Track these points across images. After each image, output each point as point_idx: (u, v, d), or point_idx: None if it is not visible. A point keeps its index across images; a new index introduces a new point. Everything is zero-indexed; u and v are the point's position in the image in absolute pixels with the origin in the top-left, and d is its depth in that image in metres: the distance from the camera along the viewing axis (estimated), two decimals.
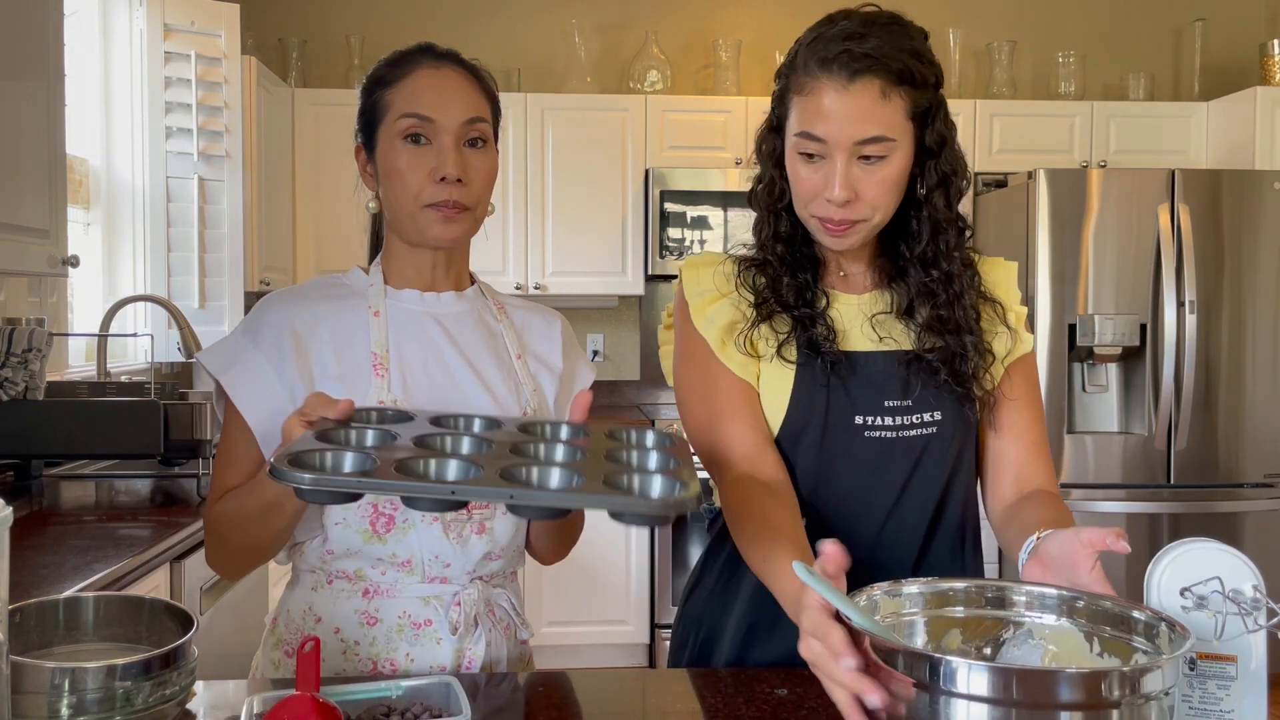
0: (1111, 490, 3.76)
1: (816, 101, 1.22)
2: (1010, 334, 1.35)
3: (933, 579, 1.09)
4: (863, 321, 1.33)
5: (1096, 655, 1.00)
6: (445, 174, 1.28)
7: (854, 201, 1.23)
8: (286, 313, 1.32)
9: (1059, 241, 3.73)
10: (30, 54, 2.15)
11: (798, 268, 1.34)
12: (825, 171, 1.23)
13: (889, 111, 1.21)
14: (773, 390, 1.32)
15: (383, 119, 1.31)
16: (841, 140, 1.21)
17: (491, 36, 4.56)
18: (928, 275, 1.31)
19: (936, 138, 1.26)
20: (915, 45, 1.24)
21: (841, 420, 1.30)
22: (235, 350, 1.31)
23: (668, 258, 4.23)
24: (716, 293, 1.36)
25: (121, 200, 3.48)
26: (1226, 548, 1.00)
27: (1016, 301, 1.38)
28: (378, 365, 1.29)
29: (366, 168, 1.36)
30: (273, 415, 1.26)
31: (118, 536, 2.03)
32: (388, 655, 1.28)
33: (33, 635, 1.08)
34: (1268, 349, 3.78)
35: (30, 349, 2.46)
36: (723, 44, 4.41)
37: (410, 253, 1.36)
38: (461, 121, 1.29)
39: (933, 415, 1.31)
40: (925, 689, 0.84)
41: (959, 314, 1.31)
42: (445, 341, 1.34)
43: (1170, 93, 4.72)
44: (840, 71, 1.20)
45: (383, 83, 1.32)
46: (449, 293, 1.38)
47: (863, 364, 1.32)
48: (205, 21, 3.50)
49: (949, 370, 1.30)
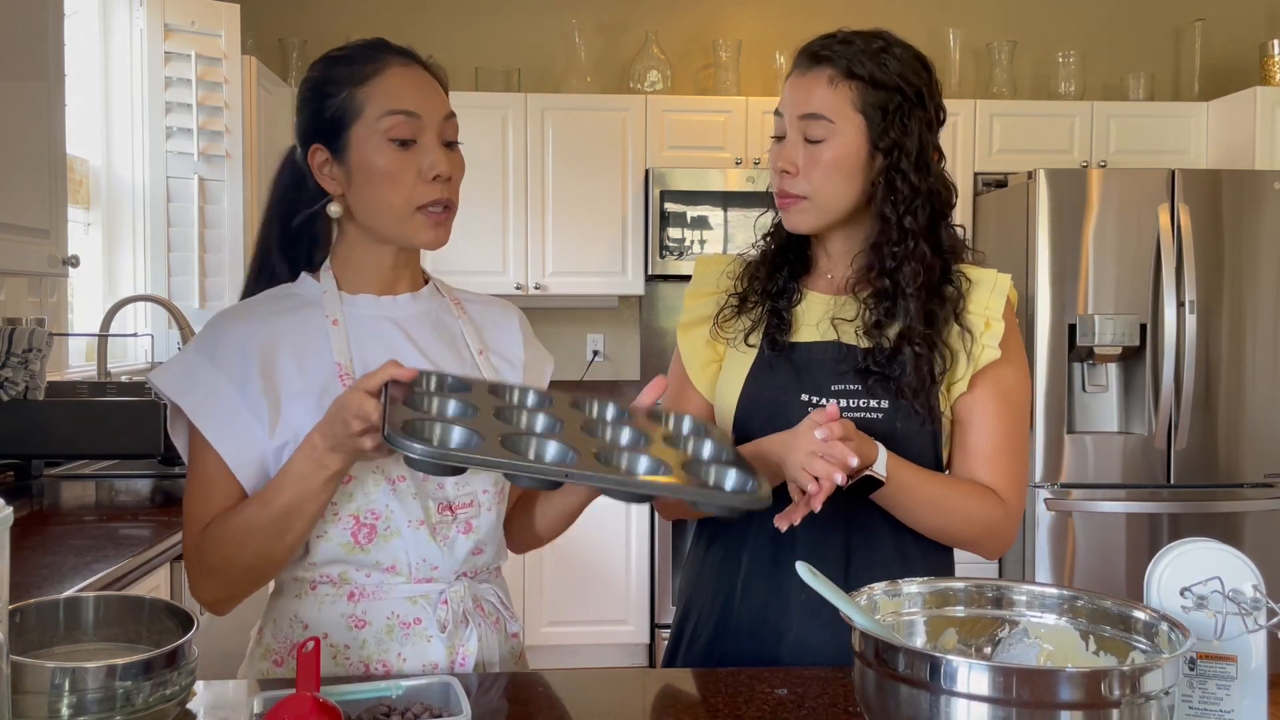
0: (1111, 490, 3.76)
1: (786, 86, 1.42)
2: (968, 358, 1.38)
3: (931, 579, 1.10)
4: (824, 320, 1.43)
5: (1092, 654, 1.00)
6: (439, 172, 1.27)
7: (793, 174, 1.37)
8: (243, 330, 1.27)
9: (1059, 241, 3.73)
10: (30, 54, 2.15)
11: (782, 265, 1.47)
12: (781, 147, 1.40)
13: (832, 97, 1.36)
14: (735, 372, 1.46)
15: (357, 118, 1.26)
16: (790, 115, 1.38)
17: (491, 36, 4.56)
18: (881, 282, 1.38)
19: (888, 141, 1.36)
20: (886, 53, 1.36)
21: (789, 398, 1.40)
22: (193, 372, 1.25)
23: (668, 258, 4.23)
24: (714, 289, 1.51)
25: (121, 200, 3.48)
26: (1226, 548, 1.00)
27: (996, 311, 1.40)
28: (343, 375, 1.27)
29: (325, 169, 1.30)
30: (241, 439, 1.23)
31: (118, 536, 2.03)
32: (379, 657, 1.27)
33: (33, 635, 1.08)
34: (1268, 349, 3.78)
35: (30, 349, 2.46)
36: (723, 44, 4.41)
37: (370, 254, 1.33)
38: (442, 118, 1.29)
39: (879, 403, 1.38)
40: (926, 688, 0.84)
41: (915, 336, 1.35)
42: (407, 345, 1.33)
43: (1170, 93, 4.71)
44: (803, 61, 1.39)
45: (350, 82, 1.27)
46: (405, 295, 1.36)
47: (813, 352, 1.42)
48: (205, 21, 3.51)
49: (892, 378, 1.36)
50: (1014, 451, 1.40)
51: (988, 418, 1.39)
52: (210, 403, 1.24)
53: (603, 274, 4.33)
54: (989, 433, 1.39)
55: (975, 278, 1.42)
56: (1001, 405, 1.39)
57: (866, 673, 0.91)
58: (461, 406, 1.17)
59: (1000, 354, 1.38)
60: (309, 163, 1.31)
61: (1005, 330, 1.39)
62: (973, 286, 1.41)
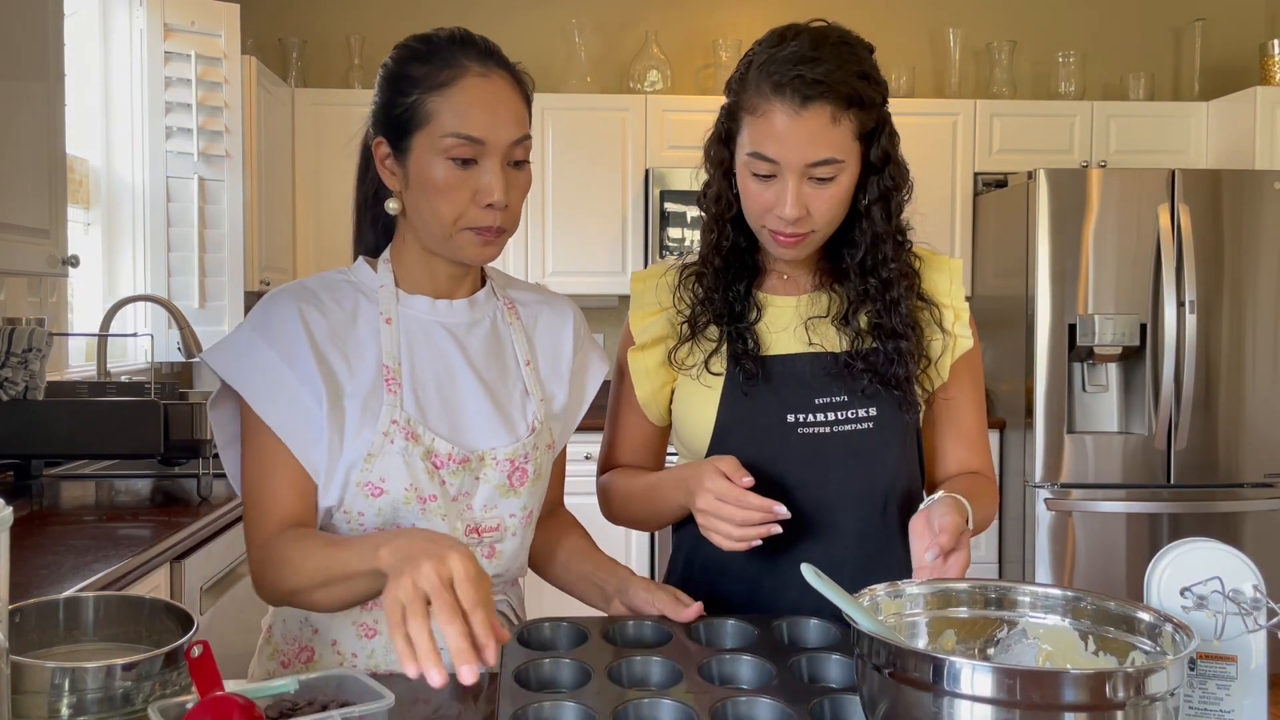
0: (1111, 490, 3.76)
1: (769, 124, 1.26)
2: (945, 336, 1.38)
3: (932, 579, 1.09)
4: (797, 324, 1.38)
5: (1092, 654, 1.00)
6: (493, 200, 1.19)
7: (804, 218, 1.28)
8: (298, 310, 1.23)
9: (1059, 241, 3.73)
10: (30, 54, 2.15)
11: (735, 278, 1.39)
12: (776, 190, 1.28)
13: (838, 135, 1.25)
14: (699, 401, 1.38)
15: (423, 127, 1.20)
16: (793, 162, 1.25)
17: (491, 36, 4.51)
18: (865, 282, 1.35)
19: (881, 154, 1.30)
20: (864, 66, 1.28)
21: (772, 421, 1.34)
22: (247, 350, 1.22)
23: (667, 258, 4.22)
24: (656, 306, 1.43)
25: (121, 200, 3.48)
26: (1226, 548, 1.00)
27: (959, 299, 1.41)
28: (390, 380, 1.23)
29: (386, 163, 1.25)
30: (297, 416, 1.20)
31: (118, 536, 2.03)
32: (387, 666, 1.25)
33: (33, 635, 1.08)
34: (1268, 349, 3.78)
35: (30, 349, 2.46)
36: (723, 44, 4.41)
37: (425, 257, 1.29)
38: (510, 142, 1.21)
39: (868, 411, 1.34)
40: (930, 690, 0.84)
41: (894, 320, 1.34)
42: (456, 353, 1.29)
43: (1170, 93, 4.71)
44: (793, 97, 1.24)
45: (423, 85, 1.20)
46: (461, 300, 1.31)
47: (791, 365, 1.36)
48: (205, 21, 3.50)
49: (879, 373, 1.33)
50: (986, 430, 1.48)
51: (970, 402, 1.43)
52: (264, 381, 1.20)
53: (603, 274, 4.33)
54: (974, 416, 1.44)
55: (926, 258, 1.41)
56: (976, 389, 1.44)
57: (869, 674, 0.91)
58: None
59: (973, 342, 1.40)
60: (373, 150, 1.27)
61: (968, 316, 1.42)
62: (925, 266, 1.40)
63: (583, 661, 1.10)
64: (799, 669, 1.10)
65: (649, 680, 1.09)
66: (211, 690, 0.93)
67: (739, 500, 1.21)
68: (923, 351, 1.37)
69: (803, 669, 1.10)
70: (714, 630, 1.21)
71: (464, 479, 1.25)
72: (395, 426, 1.21)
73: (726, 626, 1.21)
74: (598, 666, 1.08)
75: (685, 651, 1.13)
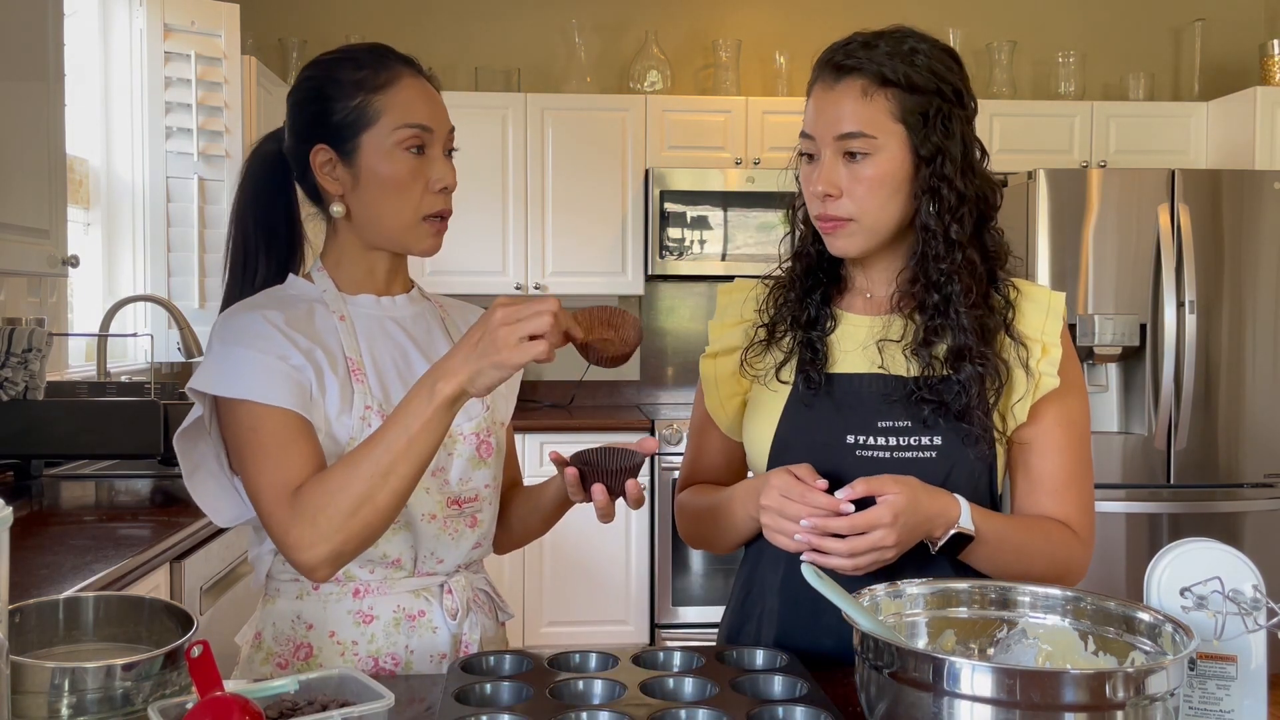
0: (1111, 490, 3.75)
1: (811, 101, 1.31)
2: (1029, 376, 1.29)
3: (933, 579, 1.10)
4: (869, 344, 1.33)
5: (1091, 655, 1.00)
6: (447, 184, 1.30)
7: (836, 197, 1.27)
8: (259, 315, 1.25)
9: (1059, 241, 3.73)
10: (30, 54, 2.15)
11: (814, 286, 1.37)
12: (817, 169, 1.29)
13: (870, 110, 1.25)
14: (764, 411, 1.36)
15: (371, 125, 1.27)
16: (825, 135, 1.27)
17: (491, 36, 4.56)
18: (930, 296, 1.29)
19: (931, 147, 1.26)
20: (917, 53, 1.25)
21: (832, 439, 1.31)
22: (230, 361, 1.22)
23: (668, 258, 4.23)
24: (738, 318, 1.43)
25: (121, 200, 3.48)
26: (1226, 548, 1.00)
27: (1053, 335, 1.31)
28: (355, 370, 1.29)
29: (326, 169, 1.29)
30: (302, 394, 1.22)
31: (118, 536, 2.03)
32: (388, 650, 1.29)
33: (33, 635, 1.08)
34: (1268, 349, 3.78)
35: (30, 349, 2.46)
36: (723, 44, 4.41)
37: (365, 258, 1.34)
38: (448, 131, 1.32)
39: (932, 439, 1.28)
40: (930, 690, 0.84)
41: (960, 342, 1.27)
42: (409, 343, 1.36)
43: (1170, 93, 4.71)
44: (830, 72, 1.28)
45: (366, 87, 1.27)
46: (402, 296, 1.39)
47: (856, 385, 1.32)
48: (205, 21, 3.50)
49: (944, 403, 1.27)
50: (1082, 480, 1.33)
51: (1052, 447, 1.31)
52: (263, 377, 1.21)
53: (602, 274, 4.33)
54: (1056, 463, 1.31)
55: (1025, 290, 1.35)
56: (1065, 432, 1.32)
57: (869, 674, 0.91)
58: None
59: (1059, 382, 1.29)
60: (310, 161, 1.30)
61: (1063, 355, 1.31)
62: (1022, 298, 1.34)
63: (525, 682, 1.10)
64: (743, 687, 1.09)
65: (591, 697, 1.09)
66: (211, 690, 0.93)
67: (803, 496, 1.17)
68: (997, 387, 1.28)
69: (745, 688, 1.09)
70: (661, 657, 1.19)
71: (439, 455, 1.29)
72: (369, 411, 1.27)
73: (674, 655, 1.20)
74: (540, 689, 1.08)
75: (631, 673, 1.13)
